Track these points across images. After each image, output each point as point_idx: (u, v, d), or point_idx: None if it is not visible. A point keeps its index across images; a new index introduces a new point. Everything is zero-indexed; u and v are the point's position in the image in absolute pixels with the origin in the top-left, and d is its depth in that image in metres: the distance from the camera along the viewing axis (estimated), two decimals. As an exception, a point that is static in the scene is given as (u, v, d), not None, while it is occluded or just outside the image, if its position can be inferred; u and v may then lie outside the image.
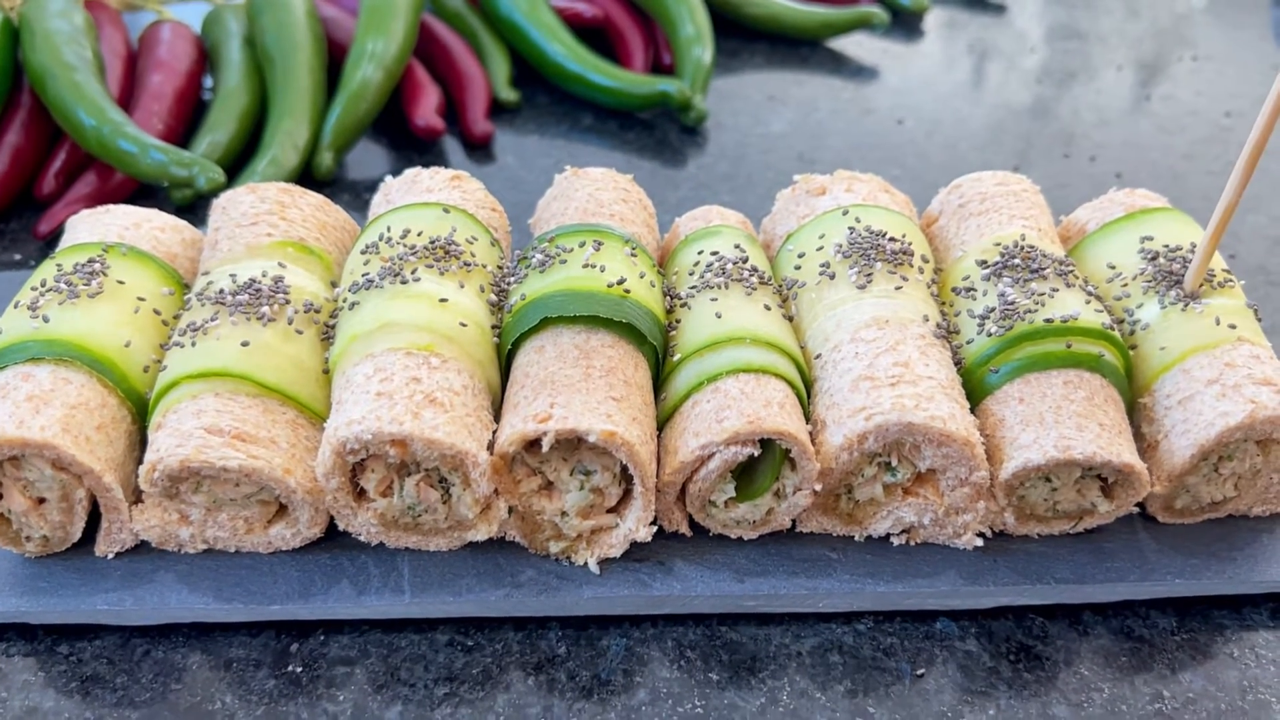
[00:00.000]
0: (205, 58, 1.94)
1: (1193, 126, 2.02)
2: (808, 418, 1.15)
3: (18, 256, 1.62)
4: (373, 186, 1.78)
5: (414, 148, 1.90)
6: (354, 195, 1.78)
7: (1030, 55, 2.28)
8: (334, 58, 1.92)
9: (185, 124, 1.82)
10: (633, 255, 1.24)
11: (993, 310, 1.19)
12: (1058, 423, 1.10)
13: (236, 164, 1.77)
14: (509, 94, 1.99)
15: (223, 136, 1.76)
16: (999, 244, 1.27)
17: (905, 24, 2.36)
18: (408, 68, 1.92)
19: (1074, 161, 1.92)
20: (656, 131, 1.96)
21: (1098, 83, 2.17)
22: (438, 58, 1.99)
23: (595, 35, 2.12)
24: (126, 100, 1.80)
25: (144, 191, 1.74)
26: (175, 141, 1.77)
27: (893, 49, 2.27)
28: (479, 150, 1.90)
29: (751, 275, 1.24)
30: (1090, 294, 1.20)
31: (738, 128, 1.99)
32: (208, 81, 1.94)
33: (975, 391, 1.17)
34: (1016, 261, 1.23)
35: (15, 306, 1.18)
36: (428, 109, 1.86)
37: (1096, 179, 1.87)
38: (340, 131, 1.77)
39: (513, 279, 1.26)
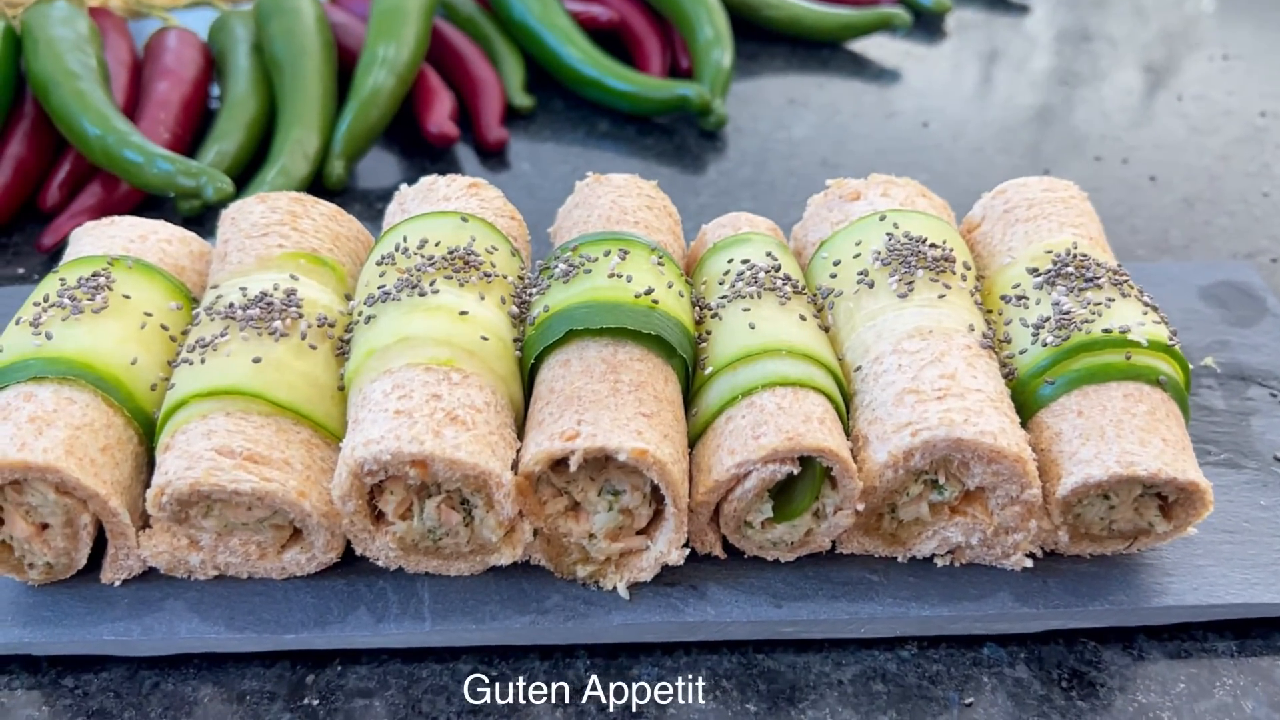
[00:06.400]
0: (212, 65, 1.90)
1: (1226, 127, 1.97)
2: (847, 433, 1.10)
3: (21, 270, 1.58)
4: (385, 195, 1.74)
5: (427, 155, 1.85)
6: (366, 204, 1.73)
7: (1055, 56, 2.22)
8: (344, 64, 1.88)
9: (192, 133, 1.78)
10: (660, 264, 1.19)
11: (1047, 319, 1.13)
12: (1119, 437, 1.04)
13: (245, 173, 1.73)
14: (523, 99, 1.94)
15: (231, 145, 1.71)
16: (1050, 251, 1.21)
17: (927, 25, 2.31)
18: (420, 73, 1.87)
19: (1105, 164, 1.87)
20: (675, 137, 1.91)
21: (1127, 83, 2.12)
22: (450, 63, 1.94)
23: (611, 39, 2.07)
24: (132, 109, 1.76)
25: (150, 202, 1.69)
26: (182, 151, 1.73)
27: (915, 50, 2.22)
28: (493, 157, 1.86)
29: (785, 284, 1.19)
30: (1148, 305, 1.15)
31: (758, 132, 1.94)
32: (215, 89, 1.90)
33: (1027, 404, 1.12)
34: (1070, 270, 1.17)
35: (17, 323, 1.13)
36: (441, 115, 1.81)
37: (1130, 182, 1.81)
38: (351, 139, 1.73)
39: (535, 290, 1.21)
